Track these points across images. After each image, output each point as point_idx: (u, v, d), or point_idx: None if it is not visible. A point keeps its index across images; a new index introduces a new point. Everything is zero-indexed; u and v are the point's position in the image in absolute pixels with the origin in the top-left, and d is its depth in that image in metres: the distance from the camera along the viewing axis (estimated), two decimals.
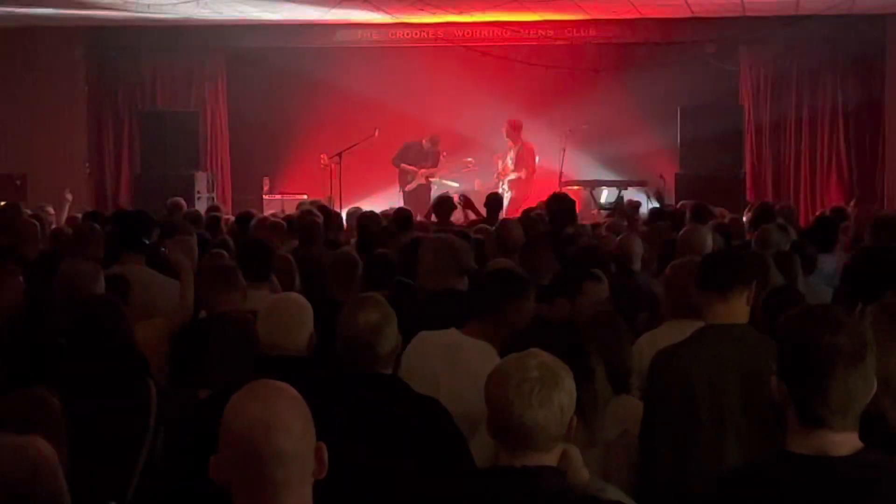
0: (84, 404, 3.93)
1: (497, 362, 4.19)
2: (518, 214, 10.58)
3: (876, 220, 6.37)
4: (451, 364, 4.45)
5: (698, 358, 3.86)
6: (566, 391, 2.81)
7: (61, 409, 3.27)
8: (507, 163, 16.36)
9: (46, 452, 2.59)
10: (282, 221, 9.41)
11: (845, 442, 2.51)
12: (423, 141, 16.50)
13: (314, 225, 8.33)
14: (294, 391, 2.47)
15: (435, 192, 15.06)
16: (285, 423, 2.36)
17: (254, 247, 6.53)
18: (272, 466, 2.33)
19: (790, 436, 2.56)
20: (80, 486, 2.87)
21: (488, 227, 8.67)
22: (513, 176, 16.19)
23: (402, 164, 16.37)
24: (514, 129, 16.24)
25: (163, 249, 6.97)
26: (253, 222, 9.40)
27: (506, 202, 16.18)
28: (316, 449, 2.43)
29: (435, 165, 16.46)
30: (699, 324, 4.08)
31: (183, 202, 11.91)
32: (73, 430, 3.27)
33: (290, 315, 4.38)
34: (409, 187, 16.27)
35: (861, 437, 2.55)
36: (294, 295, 4.66)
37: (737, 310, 3.94)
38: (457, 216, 11.34)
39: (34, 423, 3.09)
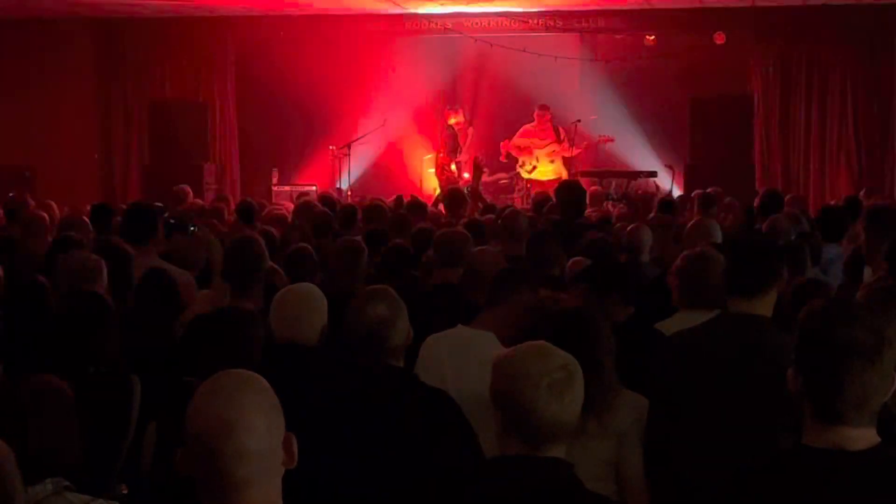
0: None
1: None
2: None
3: (868, 211, 6.27)
4: (461, 359, 4.43)
5: (711, 343, 3.84)
6: (581, 386, 2.84)
7: (71, 397, 3.23)
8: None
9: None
10: (285, 213, 9.40)
11: (862, 437, 2.49)
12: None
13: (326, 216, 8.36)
14: (262, 382, 2.36)
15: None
16: (248, 420, 2.27)
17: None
18: (233, 464, 2.25)
19: (806, 430, 2.54)
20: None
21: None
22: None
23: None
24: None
25: (192, 228, 7.04)
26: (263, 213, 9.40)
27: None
28: (284, 440, 2.34)
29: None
30: (711, 315, 4.06)
31: (189, 190, 11.87)
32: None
33: (300, 305, 4.38)
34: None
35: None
36: (307, 285, 4.63)
37: (759, 305, 3.88)
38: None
39: (44, 410, 3.09)
